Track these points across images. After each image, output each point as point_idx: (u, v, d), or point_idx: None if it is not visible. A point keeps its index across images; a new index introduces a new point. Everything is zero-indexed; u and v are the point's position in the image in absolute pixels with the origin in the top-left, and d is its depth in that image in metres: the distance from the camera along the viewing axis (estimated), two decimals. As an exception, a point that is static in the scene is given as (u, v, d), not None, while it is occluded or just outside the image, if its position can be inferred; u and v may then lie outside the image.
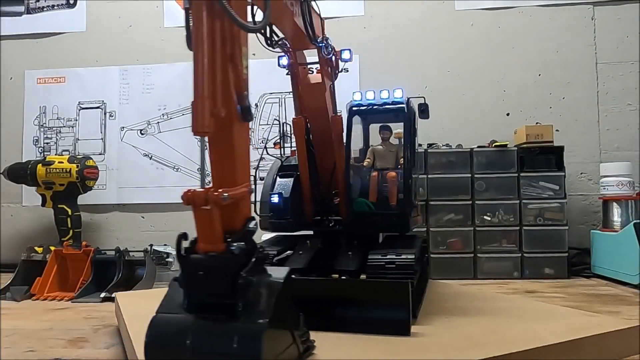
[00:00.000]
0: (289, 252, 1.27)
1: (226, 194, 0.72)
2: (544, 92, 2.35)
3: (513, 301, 1.34)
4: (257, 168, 1.42)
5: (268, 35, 1.17)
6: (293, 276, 1.11)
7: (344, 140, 1.34)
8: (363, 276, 1.12)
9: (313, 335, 0.90)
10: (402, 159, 1.32)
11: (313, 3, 1.25)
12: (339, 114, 1.36)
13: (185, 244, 0.75)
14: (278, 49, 1.25)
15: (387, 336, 0.94)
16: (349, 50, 1.33)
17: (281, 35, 1.20)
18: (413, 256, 1.08)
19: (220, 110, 0.72)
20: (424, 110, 1.30)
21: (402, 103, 1.28)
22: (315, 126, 1.34)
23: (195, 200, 0.71)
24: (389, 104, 1.30)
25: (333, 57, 1.30)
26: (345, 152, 1.32)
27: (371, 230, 1.29)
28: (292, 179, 1.35)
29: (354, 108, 1.34)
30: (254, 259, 0.74)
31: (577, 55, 2.34)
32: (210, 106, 0.71)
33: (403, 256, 1.08)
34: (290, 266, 1.17)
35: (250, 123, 2.77)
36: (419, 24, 2.44)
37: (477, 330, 0.98)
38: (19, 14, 2.66)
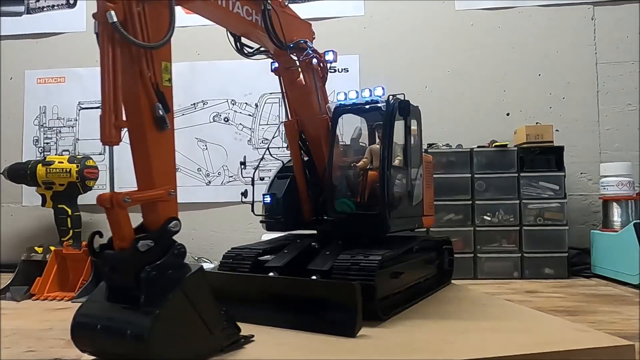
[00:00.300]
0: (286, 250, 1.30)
1: (127, 198, 0.82)
2: (544, 92, 2.35)
3: (505, 307, 1.26)
4: (256, 168, 1.44)
5: (241, 48, 1.24)
6: (273, 273, 1.14)
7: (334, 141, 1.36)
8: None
9: (265, 330, 0.97)
10: (397, 158, 1.31)
11: (294, 6, 1.28)
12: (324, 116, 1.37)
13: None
14: (263, 56, 1.28)
15: (333, 336, 0.96)
16: (332, 51, 1.33)
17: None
18: (380, 257, 1.07)
19: (121, 123, 0.81)
20: (403, 107, 1.28)
21: (378, 102, 1.28)
22: (306, 128, 1.36)
23: (103, 203, 0.81)
24: (368, 102, 1.30)
25: (315, 60, 1.30)
26: (329, 152, 1.33)
27: (352, 231, 1.29)
28: (287, 180, 1.37)
29: (338, 108, 1.35)
30: (166, 256, 0.82)
31: (577, 55, 2.34)
32: (112, 118, 0.80)
33: (371, 257, 1.07)
34: (270, 265, 1.20)
35: (250, 123, 2.80)
36: (419, 23, 2.44)
37: (430, 337, 0.97)
38: (19, 14, 2.66)
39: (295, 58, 1.30)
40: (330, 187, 1.29)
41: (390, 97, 1.27)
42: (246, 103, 2.50)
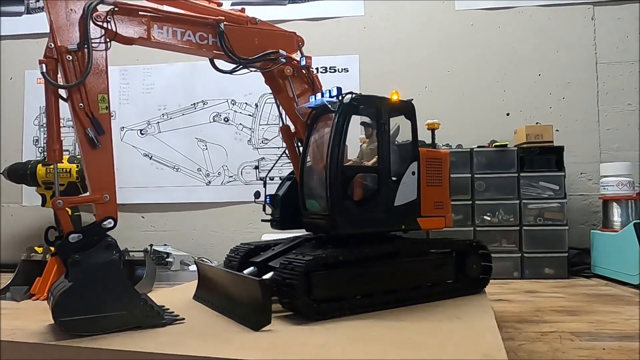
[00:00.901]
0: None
1: (60, 201, 1.07)
2: (544, 92, 2.35)
3: (468, 324, 1.08)
4: (270, 170, 1.48)
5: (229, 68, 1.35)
6: (252, 267, 1.25)
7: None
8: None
9: (206, 313, 1.13)
10: (377, 156, 1.29)
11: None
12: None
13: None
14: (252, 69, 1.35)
15: (243, 327, 1.02)
16: (304, 57, 1.35)
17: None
18: (310, 258, 1.08)
19: (55, 144, 1.11)
20: (351, 105, 1.22)
21: (321, 103, 1.25)
22: (299, 132, 1.39)
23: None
24: (319, 104, 1.29)
25: (289, 69, 1.33)
26: (301, 153, 1.35)
27: (316, 231, 1.31)
28: (289, 182, 1.39)
29: (312, 112, 1.36)
30: (95, 247, 1.08)
31: (577, 55, 2.34)
32: (51, 143, 1.11)
33: (306, 258, 1.08)
34: (252, 260, 1.30)
35: (250, 123, 2.84)
36: (418, 23, 2.44)
37: (316, 342, 0.95)
38: (19, 14, 2.66)
39: (267, 68, 1.34)
40: (300, 187, 1.30)
41: (350, 94, 1.22)
42: (246, 103, 2.50)
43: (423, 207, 1.28)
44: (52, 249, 1.82)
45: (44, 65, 1.10)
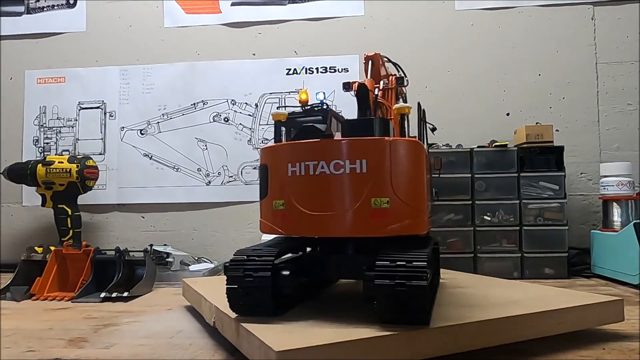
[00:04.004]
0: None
1: None
2: (544, 92, 2.35)
3: None
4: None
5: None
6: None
7: None
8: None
9: None
10: None
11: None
12: None
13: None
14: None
15: None
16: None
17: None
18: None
19: None
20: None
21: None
22: None
23: None
24: None
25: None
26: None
27: None
28: None
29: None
30: None
31: (577, 55, 2.34)
32: None
33: None
34: None
35: (250, 123, 2.87)
36: (419, 24, 2.44)
37: None
38: (19, 14, 2.66)
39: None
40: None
41: None
42: (246, 103, 2.50)
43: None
44: (52, 248, 1.84)
45: None
